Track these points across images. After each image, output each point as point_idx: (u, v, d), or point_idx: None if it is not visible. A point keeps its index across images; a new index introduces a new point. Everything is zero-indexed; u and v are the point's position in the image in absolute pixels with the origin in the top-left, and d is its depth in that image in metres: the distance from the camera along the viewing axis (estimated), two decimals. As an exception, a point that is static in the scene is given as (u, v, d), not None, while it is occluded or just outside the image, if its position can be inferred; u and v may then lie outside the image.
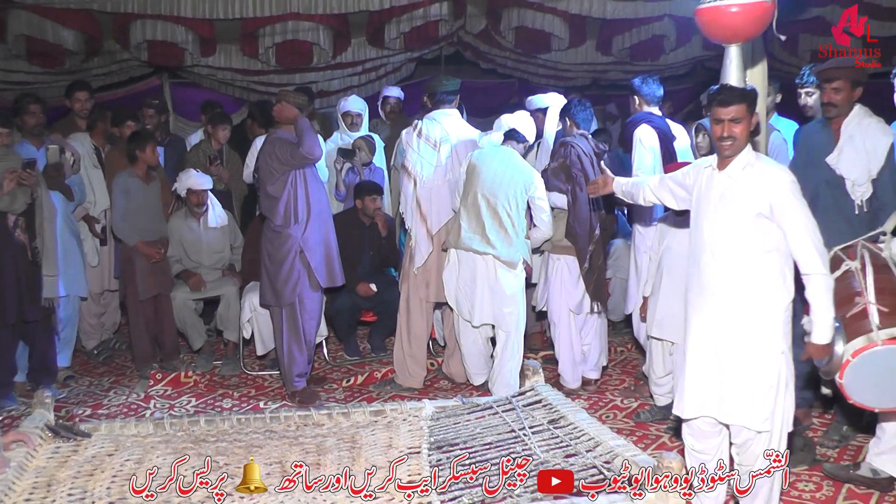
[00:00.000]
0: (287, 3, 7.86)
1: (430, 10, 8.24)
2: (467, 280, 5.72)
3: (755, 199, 3.54)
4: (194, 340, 6.79)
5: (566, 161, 5.78)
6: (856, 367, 3.56)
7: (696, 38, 8.93)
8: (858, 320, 3.64)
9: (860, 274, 3.77)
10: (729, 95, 3.64)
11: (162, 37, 8.12)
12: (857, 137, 4.62)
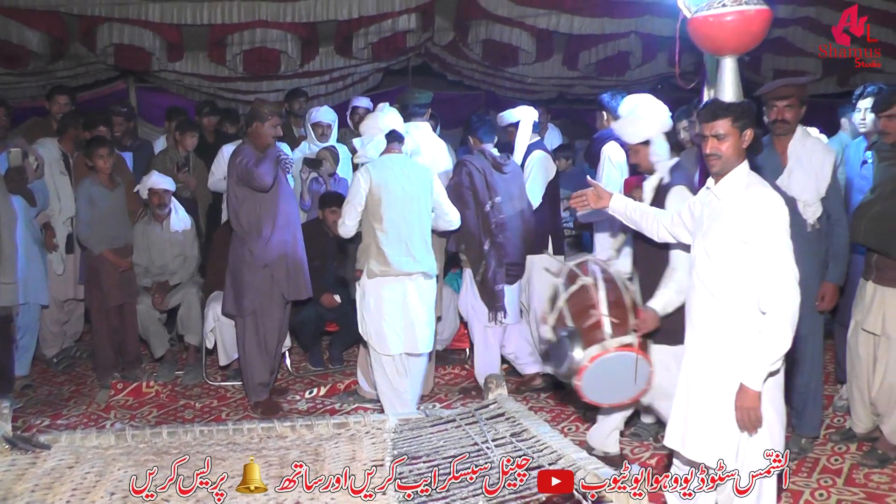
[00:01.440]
0: (255, 10, 7.85)
1: (398, 22, 8.25)
2: (399, 310, 5.40)
3: (741, 224, 3.39)
4: (156, 349, 6.74)
5: (458, 181, 5.87)
6: (591, 371, 3.96)
7: (662, 54, 9.06)
8: (594, 330, 4.01)
9: (594, 288, 4.09)
10: (711, 110, 3.51)
11: (129, 41, 8.06)
12: (805, 159, 4.73)
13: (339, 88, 9.95)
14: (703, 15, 3.89)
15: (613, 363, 3.98)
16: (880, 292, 4.81)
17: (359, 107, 8.01)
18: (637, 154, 4.46)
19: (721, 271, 3.45)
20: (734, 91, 3.97)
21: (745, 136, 3.47)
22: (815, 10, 8.32)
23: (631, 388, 4.09)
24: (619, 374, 4.01)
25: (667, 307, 4.14)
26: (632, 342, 4.00)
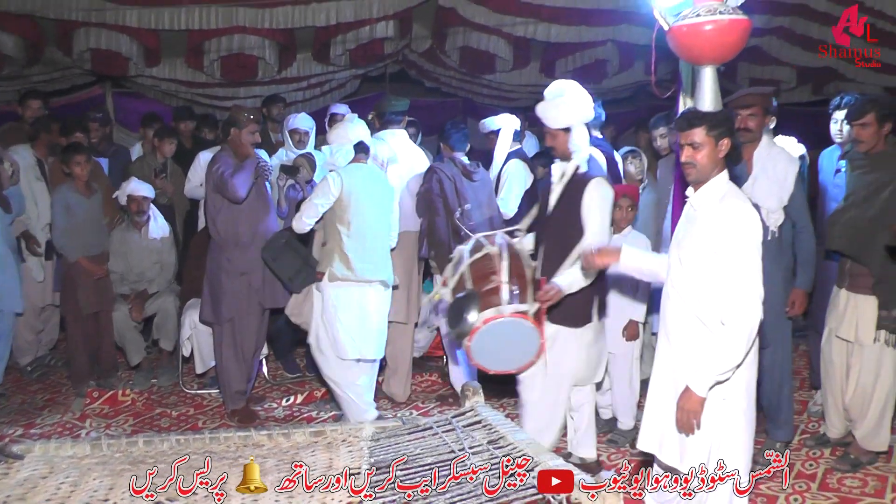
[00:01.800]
0: (233, 16, 7.82)
1: (376, 29, 8.26)
2: (357, 315, 5.46)
3: (714, 235, 3.38)
4: (132, 356, 6.71)
5: (428, 188, 5.92)
6: (483, 333, 4.04)
7: (639, 62, 9.12)
8: (492, 295, 4.12)
9: (497, 258, 4.22)
10: (686, 119, 3.51)
11: (106, 46, 8.00)
12: (769, 167, 4.79)
13: (316, 95, 9.97)
14: (680, 25, 3.90)
15: (506, 328, 4.06)
16: (853, 299, 4.87)
17: (337, 114, 8.00)
18: (555, 139, 4.48)
19: (693, 280, 3.46)
20: (712, 100, 3.99)
21: (722, 146, 3.45)
22: (789, 20, 8.41)
23: (520, 357, 4.19)
24: (510, 341, 4.10)
25: (571, 286, 4.26)
26: (527, 311, 4.08)
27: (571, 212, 4.37)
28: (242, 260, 5.71)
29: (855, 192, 4.89)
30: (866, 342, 4.81)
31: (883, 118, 4.81)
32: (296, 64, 8.90)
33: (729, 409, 3.45)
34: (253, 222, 5.71)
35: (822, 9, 8.08)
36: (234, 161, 5.66)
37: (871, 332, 4.80)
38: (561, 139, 4.43)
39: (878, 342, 4.79)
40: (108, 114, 8.58)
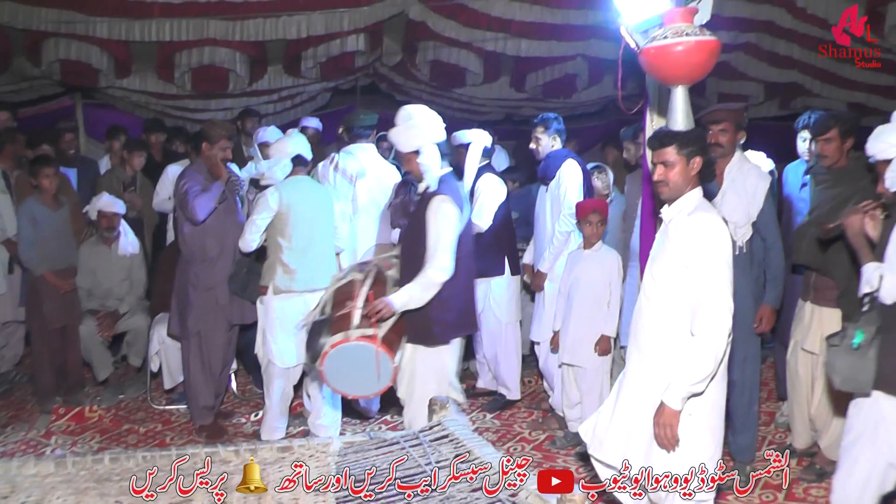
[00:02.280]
0: (204, 28, 7.80)
1: (346, 42, 8.28)
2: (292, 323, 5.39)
3: (684, 249, 3.41)
4: (100, 372, 6.64)
5: (405, 200, 5.91)
6: (332, 357, 4.12)
7: (608, 77, 9.19)
8: (344, 320, 4.19)
9: (359, 284, 4.32)
10: (658, 138, 3.55)
11: (76, 56, 7.95)
12: (738, 181, 4.82)
13: (287, 107, 9.97)
14: (650, 46, 3.93)
15: (354, 353, 4.12)
16: (818, 312, 4.94)
17: (308, 127, 8.03)
18: (409, 163, 4.58)
19: (666, 294, 3.49)
20: (684, 120, 4.02)
21: (693, 164, 3.49)
22: (755, 36, 8.51)
23: (373, 381, 4.22)
24: (360, 365, 4.15)
25: (408, 303, 4.32)
26: (374, 334, 4.14)
27: (419, 229, 4.47)
28: (209, 275, 5.69)
29: (819, 206, 4.96)
30: None
31: (845, 134, 4.88)
32: (267, 77, 8.90)
33: (695, 424, 3.46)
34: (221, 237, 5.69)
35: (787, 25, 8.20)
36: (202, 177, 5.65)
37: None
38: (413, 162, 4.54)
39: None
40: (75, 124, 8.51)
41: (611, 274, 5.39)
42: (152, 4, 7.24)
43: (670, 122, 4.04)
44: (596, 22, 7.46)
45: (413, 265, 4.44)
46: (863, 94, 9.35)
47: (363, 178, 5.94)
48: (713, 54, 3.87)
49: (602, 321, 5.38)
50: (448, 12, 7.98)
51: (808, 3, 7.64)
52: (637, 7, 4.44)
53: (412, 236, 4.53)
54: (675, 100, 4.06)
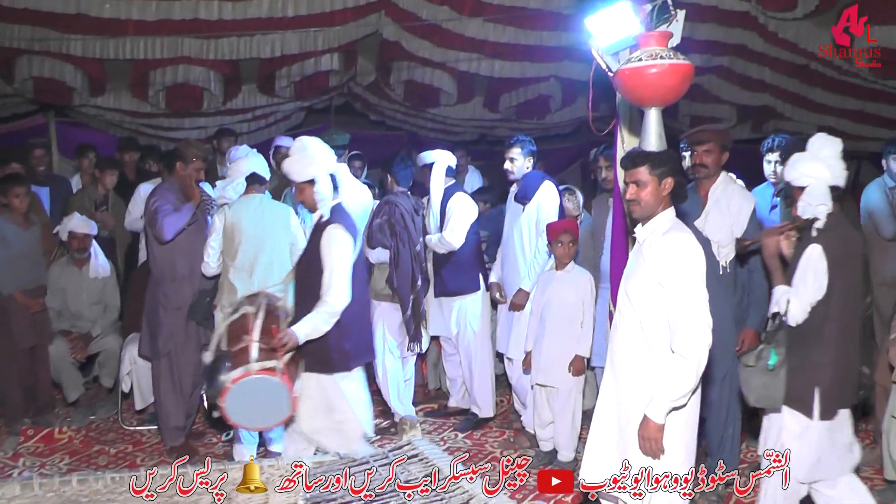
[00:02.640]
0: (178, 46, 7.79)
1: (321, 61, 8.29)
2: None
3: (658, 268, 3.48)
4: (70, 392, 6.57)
5: (391, 219, 6.09)
6: (234, 392, 4.09)
7: (582, 98, 9.24)
8: (243, 354, 4.18)
9: (252, 317, 4.29)
10: (631, 158, 3.64)
11: (49, 74, 7.91)
12: (723, 201, 4.86)
13: (261, 126, 9.96)
14: (625, 68, 3.99)
15: (256, 386, 4.12)
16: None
17: (281, 146, 8.00)
18: (302, 192, 4.64)
19: (640, 312, 3.56)
20: (657, 141, 4.07)
21: (665, 185, 3.57)
22: (728, 59, 8.60)
23: (275, 413, 4.24)
24: (262, 398, 4.15)
25: (311, 334, 4.37)
26: (275, 367, 4.16)
27: (314, 259, 4.53)
28: (179, 294, 5.68)
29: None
30: None
31: None
32: (241, 95, 8.88)
33: (670, 438, 3.51)
34: (191, 257, 5.67)
35: (759, 49, 8.29)
36: (174, 196, 5.64)
37: None
38: (307, 192, 4.59)
39: None
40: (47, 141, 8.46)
41: (584, 294, 5.42)
42: (127, 22, 7.20)
43: (643, 143, 4.08)
44: (569, 43, 7.50)
45: (309, 294, 4.49)
46: (833, 118, 9.46)
47: (336, 197, 5.96)
48: (686, 77, 3.93)
49: (575, 341, 5.41)
50: (422, 32, 8.02)
51: (779, 28, 7.73)
52: (608, 29, 4.51)
53: (306, 265, 4.60)
54: (648, 121, 4.10)
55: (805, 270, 3.86)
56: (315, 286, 4.48)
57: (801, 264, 3.89)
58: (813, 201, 3.93)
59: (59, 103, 8.80)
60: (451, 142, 9.97)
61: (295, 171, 4.61)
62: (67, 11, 6.99)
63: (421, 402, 6.88)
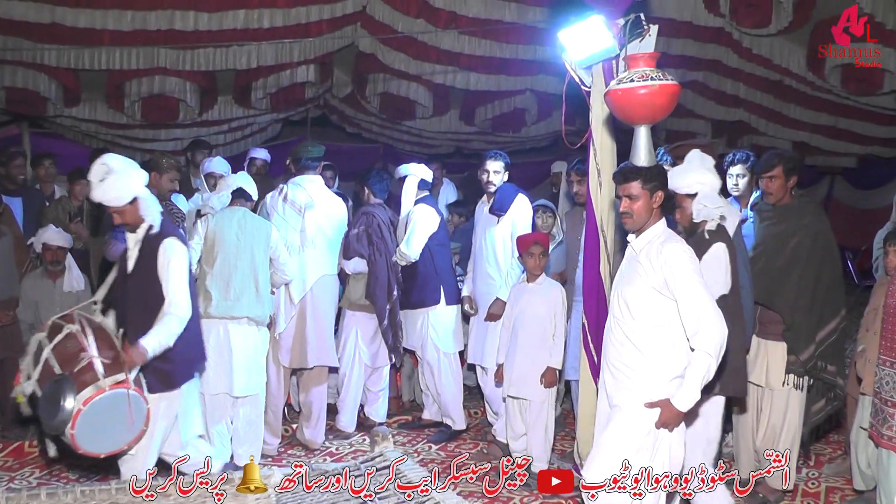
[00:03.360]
0: (154, 57, 7.78)
1: (296, 73, 8.32)
2: (220, 351, 5.45)
3: (651, 274, 3.64)
4: (41, 405, 6.47)
5: (368, 229, 6.14)
6: (86, 414, 3.86)
7: (557, 112, 9.27)
8: (86, 373, 3.94)
9: (81, 334, 4.07)
10: (623, 173, 3.78)
11: (23, 84, 7.87)
12: None
13: (238, 138, 9.95)
14: (617, 88, 4.14)
15: (109, 403, 3.92)
16: (763, 345, 5.03)
17: (256, 158, 8.01)
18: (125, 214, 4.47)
19: (637, 319, 3.70)
20: (646, 156, 4.25)
21: (656, 198, 3.74)
22: (702, 74, 8.70)
23: (128, 430, 4.03)
24: (115, 415, 3.95)
25: (157, 348, 4.23)
26: (126, 379, 4.00)
27: (149, 272, 4.42)
28: None
29: (764, 242, 5.07)
30: (776, 386, 4.96)
31: (789, 172, 5.01)
32: (217, 107, 8.88)
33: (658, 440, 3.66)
34: None
35: (733, 65, 8.39)
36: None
37: (780, 376, 4.96)
38: (129, 212, 4.45)
39: (787, 386, 4.95)
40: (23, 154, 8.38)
41: (555, 306, 5.42)
42: (102, 32, 7.18)
43: (634, 159, 4.24)
44: (544, 57, 7.58)
45: (140, 309, 4.39)
46: (806, 133, 9.59)
47: (312, 209, 5.96)
48: (674, 97, 4.16)
49: (547, 353, 5.41)
50: (398, 45, 8.06)
51: (753, 44, 7.84)
52: (582, 43, 4.56)
53: (139, 279, 4.45)
54: (638, 138, 4.29)
55: (715, 268, 4.15)
56: (150, 300, 4.35)
57: (709, 262, 4.13)
58: (709, 204, 4.29)
59: (33, 114, 8.74)
60: (426, 154, 10.01)
61: (113, 197, 4.36)
62: (41, 20, 6.97)
63: (395, 414, 6.87)
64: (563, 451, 6.01)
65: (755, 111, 9.44)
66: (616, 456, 3.64)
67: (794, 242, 4.97)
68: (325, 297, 6.13)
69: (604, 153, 4.82)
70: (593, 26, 4.43)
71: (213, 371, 5.40)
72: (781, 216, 5.05)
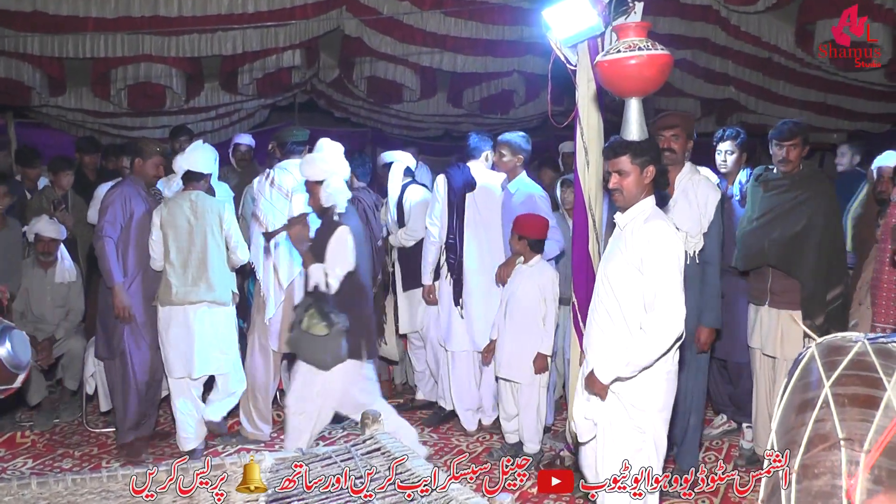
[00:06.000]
0: (139, 44, 7.70)
1: (283, 57, 8.26)
2: (181, 336, 5.59)
3: (634, 253, 3.56)
4: (32, 395, 6.43)
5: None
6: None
7: (545, 93, 9.24)
8: None
9: None
10: (612, 148, 3.68)
11: (6, 74, 7.80)
12: (690, 191, 4.86)
13: (225, 125, 9.91)
14: (605, 59, 3.96)
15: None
16: (776, 315, 5.04)
17: (240, 143, 7.98)
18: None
19: (618, 296, 3.63)
20: (638, 130, 4.02)
21: (647, 173, 3.64)
22: (691, 53, 8.65)
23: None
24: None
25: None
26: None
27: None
28: (138, 289, 5.70)
29: (775, 209, 5.07)
30: (792, 356, 4.91)
31: (805, 141, 5.09)
32: (204, 93, 8.84)
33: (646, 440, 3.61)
34: (137, 257, 5.68)
35: (722, 42, 8.35)
36: (137, 192, 5.71)
37: (796, 345, 4.92)
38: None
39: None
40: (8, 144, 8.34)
41: (545, 290, 5.38)
42: (85, 19, 7.10)
43: (625, 133, 4.04)
44: (531, 38, 7.53)
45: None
46: (795, 110, 9.55)
47: (299, 192, 5.93)
48: (665, 68, 3.93)
49: (538, 339, 5.40)
50: (383, 28, 8.00)
51: (741, 21, 7.80)
52: (566, 22, 4.53)
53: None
54: (628, 111, 4.06)
55: (340, 248, 4.76)
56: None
57: (334, 244, 4.77)
58: (334, 191, 4.86)
59: (18, 104, 8.70)
60: (416, 137, 9.96)
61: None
62: (23, 9, 6.90)
63: (388, 397, 6.86)
64: (556, 430, 6.02)
65: (744, 89, 9.41)
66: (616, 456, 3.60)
67: (810, 209, 5.00)
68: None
69: (590, 131, 4.80)
70: (578, 4, 4.39)
71: (174, 355, 5.58)
72: (794, 183, 5.07)
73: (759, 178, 5.30)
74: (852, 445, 2.22)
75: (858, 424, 2.40)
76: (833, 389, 2.56)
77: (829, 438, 2.32)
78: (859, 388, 2.55)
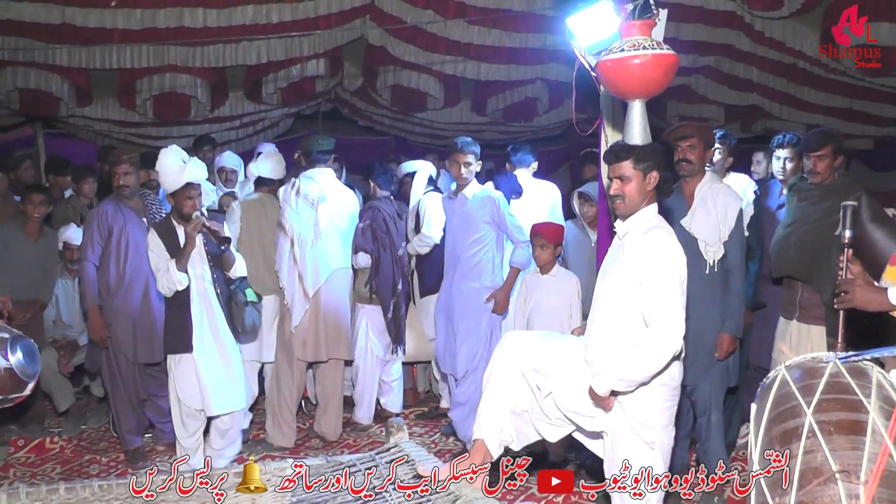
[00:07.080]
0: (165, 54, 7.80)
1: (307, 67, 8.31)
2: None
3: (633, 264, 3.39)
4: (60, 402, 6.49)
5: (373, 223, 6.14)
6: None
7: (568, 100, 9.22)
8: None
9: None
10: (614, 152, 3.52)
11: (35, 85, 7.93)
12: (709, 200, 4.78)
13: (249, 134, 9.97)
14: (607, 59, 3.84)
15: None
16: (805, 330, 4.89)
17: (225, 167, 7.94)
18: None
19: (617, 309, 3.47)
20: (641, 134, 3.94)
21: (650, 179, 3.47)
22: (714, 59, 8.63)
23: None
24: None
25: None
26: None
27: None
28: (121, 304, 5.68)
29: (802, 219, 4.95)
30: None
31: (836, 151, 4.89)
32: (228, 103, 8.91)
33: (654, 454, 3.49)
34: (121, 272, 5.66)
35: (746, 49, 8.32)
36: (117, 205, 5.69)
37: None
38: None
39: None
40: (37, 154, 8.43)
41: (570, 296, 5.31)
42: (112, 31, 7.21)
43: (627, 137, 3.95)
44: (554, 45, 7.54)
45: None
46: (820, 116, 9.49)
47: (324, 202, 5.95)
48: (670, 69, 3.78)
49: None
50: (407, 36, 8.04)
51: (765, 27, 7.77)
52: (590, 29, 4.50)
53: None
54: (631, 114, 3.97)
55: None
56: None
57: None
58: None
59: (46, 114, 8.80)
60: (439, 146, 9.96)
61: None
62: (52, 21, 7.02)
63: (411, 405, 6.88)
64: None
65: (768, 95, 9.35)
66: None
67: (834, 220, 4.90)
68: (339, 290, 6.12)
69: (615, 139, 4.77)
70: (602, 11, 4.36)
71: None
72: (824, 195, 4.88)
73: (793, 187, 5.23)
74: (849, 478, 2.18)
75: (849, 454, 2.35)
76: (816, 417, 2.50)
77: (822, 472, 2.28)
78: (842, 413, 2.50)
